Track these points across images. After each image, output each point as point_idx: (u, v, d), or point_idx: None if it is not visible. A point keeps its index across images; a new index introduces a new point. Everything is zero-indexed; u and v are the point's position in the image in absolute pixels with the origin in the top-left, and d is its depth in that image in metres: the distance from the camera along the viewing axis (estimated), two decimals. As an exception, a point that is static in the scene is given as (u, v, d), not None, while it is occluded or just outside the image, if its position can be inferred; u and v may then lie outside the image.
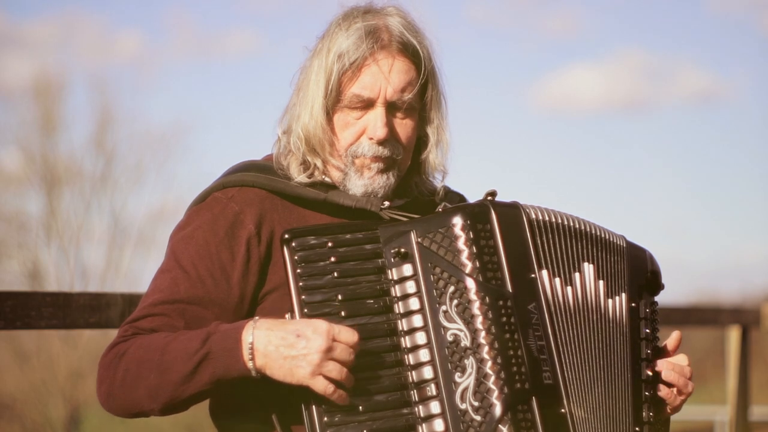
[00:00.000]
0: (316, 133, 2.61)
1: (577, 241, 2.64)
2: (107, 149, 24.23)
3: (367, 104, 2.61)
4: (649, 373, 2.65)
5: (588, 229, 2.67)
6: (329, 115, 2.62)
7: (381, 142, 2.61)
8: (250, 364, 2.42)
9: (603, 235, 2.68)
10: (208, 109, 33.09)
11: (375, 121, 2.60)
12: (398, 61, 2.61)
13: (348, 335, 2.42)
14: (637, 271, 2.71)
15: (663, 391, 2.66)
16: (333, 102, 2.61)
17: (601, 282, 2.65)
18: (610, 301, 2.65)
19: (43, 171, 23.59)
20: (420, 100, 2.66)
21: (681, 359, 2.71)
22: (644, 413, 2.63)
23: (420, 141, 2.69)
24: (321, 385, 2.41)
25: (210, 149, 30.12)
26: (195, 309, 2.55)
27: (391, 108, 2.62)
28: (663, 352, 2.71)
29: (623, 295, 2.67)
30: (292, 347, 2.40)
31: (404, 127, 2.64)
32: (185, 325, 2.53)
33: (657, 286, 2.75)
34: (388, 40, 2.61)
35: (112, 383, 2.51)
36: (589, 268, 2.64)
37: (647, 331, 2.68)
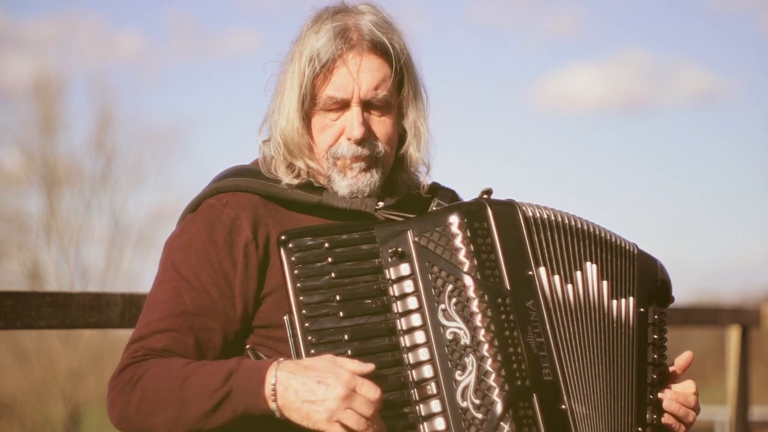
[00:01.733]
0: (293, 137, 2.61)
1: (579, 240, 2.64)
2: (107, 149, 24.24)
3: (343, 105, 2.60)
4: (655, 376, 2.65)
5: (590, 230, 2.66)
6: (307, 118, 2.61)
7: (359, 142, 2.60)
8: (273, 406, 2.41)
9: (608, 237, 2.68)
10: (209, 109, 33.11)
11: (351, 121, 2.60)
12: (367, 59, 2.60)
13: (370, 389, 2.39)
14: (646, 278, 2.71)
15: (665, 419, 2.66)
16: (309, 106, 2.60)
17: (605, 282, 2.64)
18: (614, 302, 2.65)
19: (43, 171, 23.58)
20: (397, 96, 2.65)
21: (688, 386, 2.70)
22: (648, 415, 2.63)
23: (401, 136, 2.68)
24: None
25: (210, 149, 30.13)
26: (202, 320, 2.54)
27: (367, 106, 2.61)
28: (671, 377, 2.70)
29: (631, 299, 2.66)
30: (312, 392, 2.38)
31: (382, 124, 2.63)
32: (195, 340, 2.53)
33: (666, 297, 2.74)
34: (357, 39, 2.60)
35: (126, 409, 2.49)
36: (591, 268, 2.64)
37: (655, 336, 2.67)
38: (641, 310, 2.67)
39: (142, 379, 2.48)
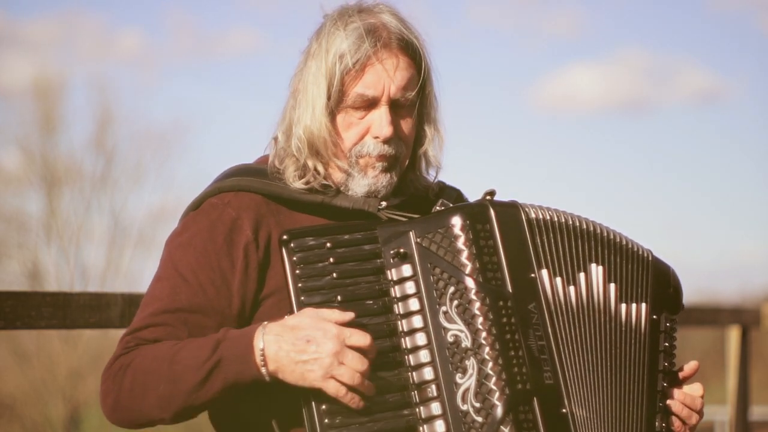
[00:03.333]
0: (320, 134, 2.59)
1: (583, 242, 2.62)
2: (107, 149, 24.23)
3: (371, 103, 2.59)
4: (665, 384, 2.64)
5: (597, 231, 2.64)
6: (332, 116, 2.60)
7: (386, 141, 2.59)
8: (263, 370, 2.41)
9: (617, 240, 2.65)
10: (208, 109, 33.10)
11: (380, 120, 2.59)
12: (400, 59, 2.60)
13: (359, 338, 2.41)
14: (660, 285, 2.69)
15: (672, 423, 2.64)
16: (336, 103, 2.59)
17: (612, 285, 2.62)
18: (623, 305, 2.62)
19: (43, 171, 23.57)
20: (419, 97, 2.65)
21: (695, 389, 2.69)
22: (657, 423, 2.62)
23: (416, 136, 2.68)
24: (333, 388, 2.40)
25: (210, 149, 30.12)
26: (197, 318, 2.53)
27: (394, 106, 2.61)
28: (679, 383, 2.69)
29: (644, 305, 2.64)
30: (303, 352, 2.39)
31: (407, 124, 2.63)
32: (188, 334, 2.52)
33: (678, 304, 2.72)
34: (388, 38, 2.60)
35: (119, 394, 2.49)
36: (597, 270, 2.62)
37: (666, 344, 2.66)
38: (654, 317, 2.65)
39: (133, 364, 2.48)
